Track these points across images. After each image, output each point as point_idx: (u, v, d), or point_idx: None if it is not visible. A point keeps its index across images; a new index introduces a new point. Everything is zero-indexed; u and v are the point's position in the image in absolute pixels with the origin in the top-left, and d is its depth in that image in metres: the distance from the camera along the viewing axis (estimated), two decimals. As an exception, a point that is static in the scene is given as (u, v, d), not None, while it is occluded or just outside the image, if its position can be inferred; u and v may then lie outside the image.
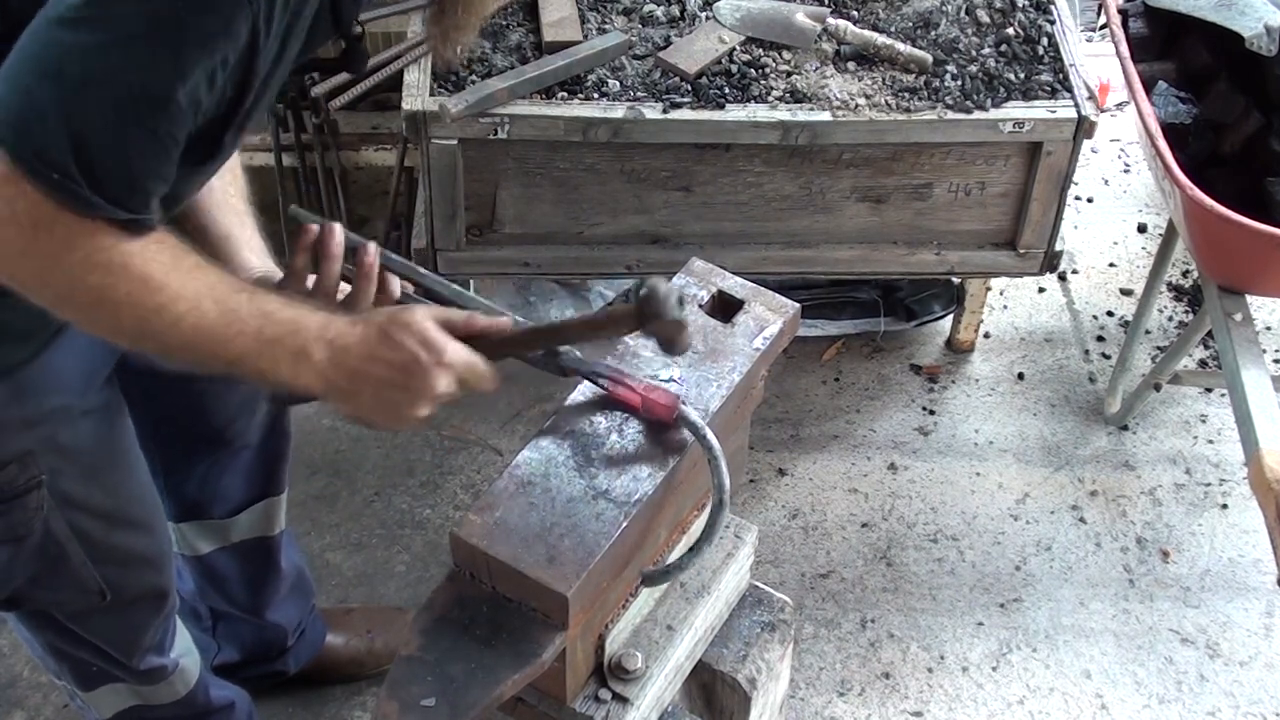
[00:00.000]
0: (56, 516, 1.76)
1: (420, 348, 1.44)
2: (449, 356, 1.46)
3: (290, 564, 2.37)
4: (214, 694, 2.29)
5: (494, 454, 3.01)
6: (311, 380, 1.43)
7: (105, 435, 1.79)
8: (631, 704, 1.70)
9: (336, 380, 1.44)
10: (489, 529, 1.51)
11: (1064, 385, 3.20)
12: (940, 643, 2.73)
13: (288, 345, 1.41)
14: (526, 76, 2.55)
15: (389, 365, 1.44)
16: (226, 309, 1.38)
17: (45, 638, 2.02)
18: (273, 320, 1.40)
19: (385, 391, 1.45)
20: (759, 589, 1.95)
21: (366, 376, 1.44)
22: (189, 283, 1.37)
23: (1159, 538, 2.91)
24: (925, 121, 2.58)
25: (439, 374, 1.45)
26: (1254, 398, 2.46)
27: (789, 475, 3.00)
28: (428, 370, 1.44)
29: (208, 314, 1.37)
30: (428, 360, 1.44)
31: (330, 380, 1.44)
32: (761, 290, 1.74)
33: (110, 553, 1.86)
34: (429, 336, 1.45)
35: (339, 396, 1.46)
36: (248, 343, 1.40)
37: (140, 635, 2.03)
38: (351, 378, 1.44)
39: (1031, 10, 2.75)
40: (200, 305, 1.37)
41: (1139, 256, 3.47)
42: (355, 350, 1.43)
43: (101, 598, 1.89)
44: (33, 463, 1.69)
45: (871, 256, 2.80)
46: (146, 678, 2.11)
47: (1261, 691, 2.67)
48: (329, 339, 1.43)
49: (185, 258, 1.38)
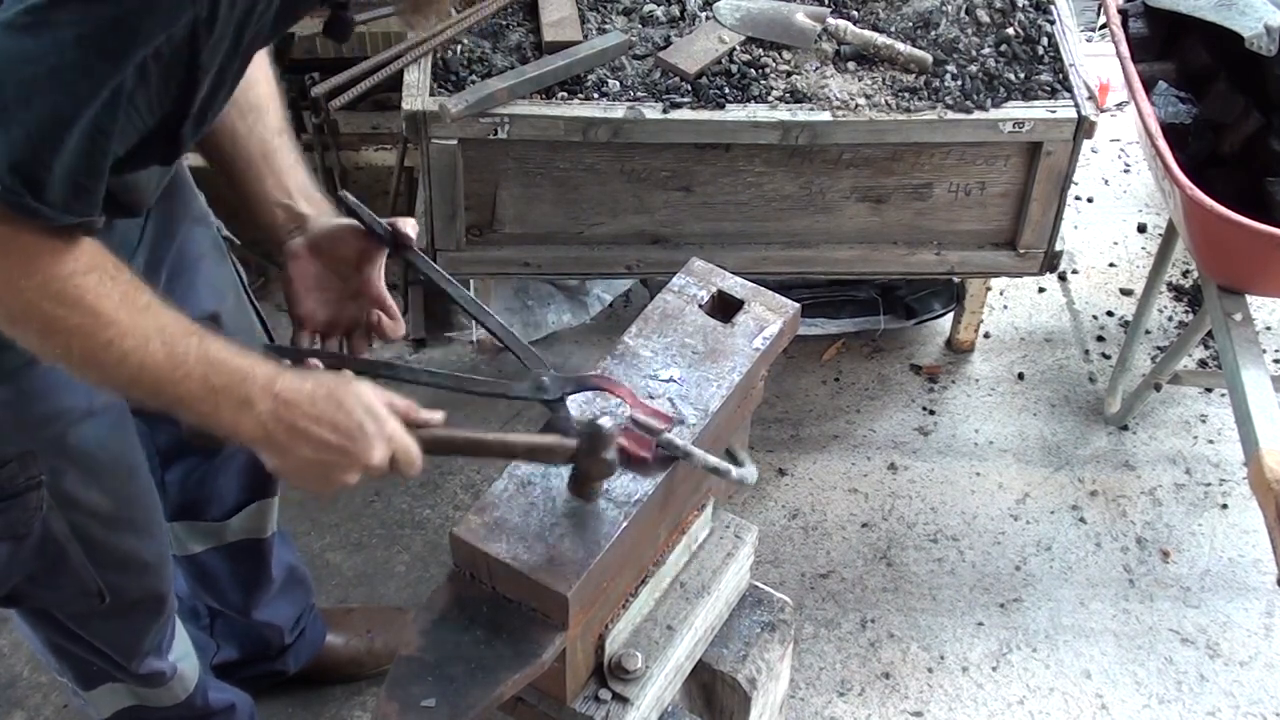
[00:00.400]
0: (56, 516, 1.76)
1: (367, 417, 1.46)
2: (390, 432, 1.47)
3: (281, 565, 2.37)
4: (214, 697, 2.29)
5: (494, 454, 3.00)
6: (251, 430, 1.44)
7: (109, 438, 1.79)
8: (631, 704, 1.70)
9: (275, 434, 1.44)
10: (489, 529, 1.51)
11: (1064, 385, 3.20)
12: (940, 643, 2.73)
13: (233, 394, 1.42)
14: (526, 76, 2.55)
15: (333, 427, 1.45)
16: (174, 351, 1.39)
17: (46, 635, 2.03)
18: (220, 368, 1.41)
19: (322, 453, 1.46)
20: (759, 589, 1.95)
21: (307, 435, 1.44)
22: (140, 321, 1.38)
23: (1159, 538, 2.91)
24: (925, 121, 2.58)
25: (377, 447, 1.46)
26: (1254, 398, 2.46)
27: (789, 475, 3.00)
28: (368, 441, 1.45)
29: (155, 354, 1.38)
30: (372, 430, 1.46)
31: (269, 433, 1.44)
32: (761, 290, 1.74)
33: (110, 555, 1.87)
34: (377, 409, 1.47)
35: (273, 451, 1.46)
36: (193, 386, 1.40)
37: (139, 639, 2.04)
38: (291, 434, 1.44)
39: (1031, 10, 2.75)
40: (149, 345, 1.38)
41: (1139, 256, 3.47)
42: (302, 408, 1.44)
43: (101, 600, 1.90)
44: (33, 462, 1.69)
45: (871, 256, 2.80)
46: (146, 681, 2.11)
47: (1261, 691, 2.67)
48: (275, 391, 1.43)
49: (139, 295, 1.39)
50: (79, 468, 1.75)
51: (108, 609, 1.92)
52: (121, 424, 1.83)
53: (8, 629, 2.69)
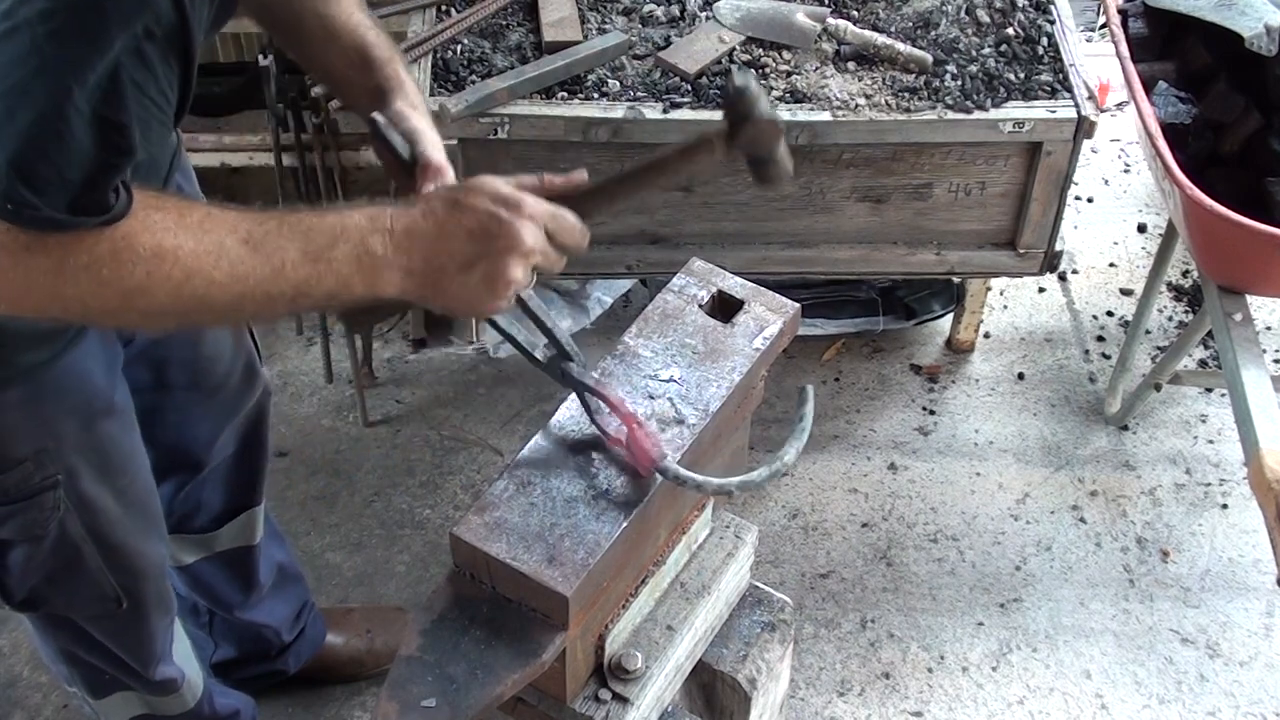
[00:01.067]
0: (72, 518, 1.76)
1: (495, 204, 1.31)
2: (529, 207, 1.32)
3: (270, 565, 2.37)
4: (219, 703, 2.30)
5: (494, 454, 3.01)
6: (386, 279, 1.29)
7: (119, 436, 1.80)
8: (631, 704, 1.70)
9: (412, 268, 1.30)
10: (489, 529, 1.51)
11: (1064, 385, 3.20)
12: (940, 643, 2.73)
13: (344, 253, 1.27)
14: (526, 76, 2.55)
15: (468, 233, 1.30)
16: (258, 245, 1.25)
17: (60, 643, 2.03)
18: (315, 233, 1.27)
19: (473, 263, 1.30)
20: (759, 589, 1.95)
21: (446, 253, 1.30)
22: (204, 237, 1.24)
23: (1159, 538, 2.91)
24: (925, 121, 2.58)
25: (523, 225, 1.30)
26: (1254, 398, 2.46)
27: (789, 475, 3.00)
28: (510, 224, 1.30)
29: (242, 259, 1.25)
30: (508, 215, 1.30)
31: (407, 270, 1.29)
32: (761, 290, 1.74)
33: (123, 557, 1.87)
34: (501, 192, 1.32)
35: (421, 287, 1.31)
36: (299, 269, 1.26)
37: (153, 643, 2.04)
38: (429, 259, 1.30)
39: (1031, 10, 2.75)
40: (229, 254, 1.24)
41: (1139, 256, 3.47)
42: (423, 228, 1.30)
43: (118, 604, 1.90)
44: (49, 461, 1.69)
45: (872, 256, 2.80)
46: (160, 688, 2.11)
47: (1261, 691, 2.67)
48: (386, 228, 1.29)
49: (190, 213, 1.26)
50: (93, 466, 1.75)
51: (125, 613, 1.92)
52: (130, 425, 1.83)
53: (8, 629, 2.69)
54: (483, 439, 3.03)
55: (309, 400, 3.10)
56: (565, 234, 1.35)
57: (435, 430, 3.04)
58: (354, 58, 1.60)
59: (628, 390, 1.63)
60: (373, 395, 3.09)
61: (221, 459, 2.15)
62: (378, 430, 3.05)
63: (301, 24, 1.62)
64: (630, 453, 1.55)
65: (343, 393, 3.10)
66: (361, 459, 2.99)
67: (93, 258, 1.23)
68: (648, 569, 1.71)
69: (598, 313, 3.20)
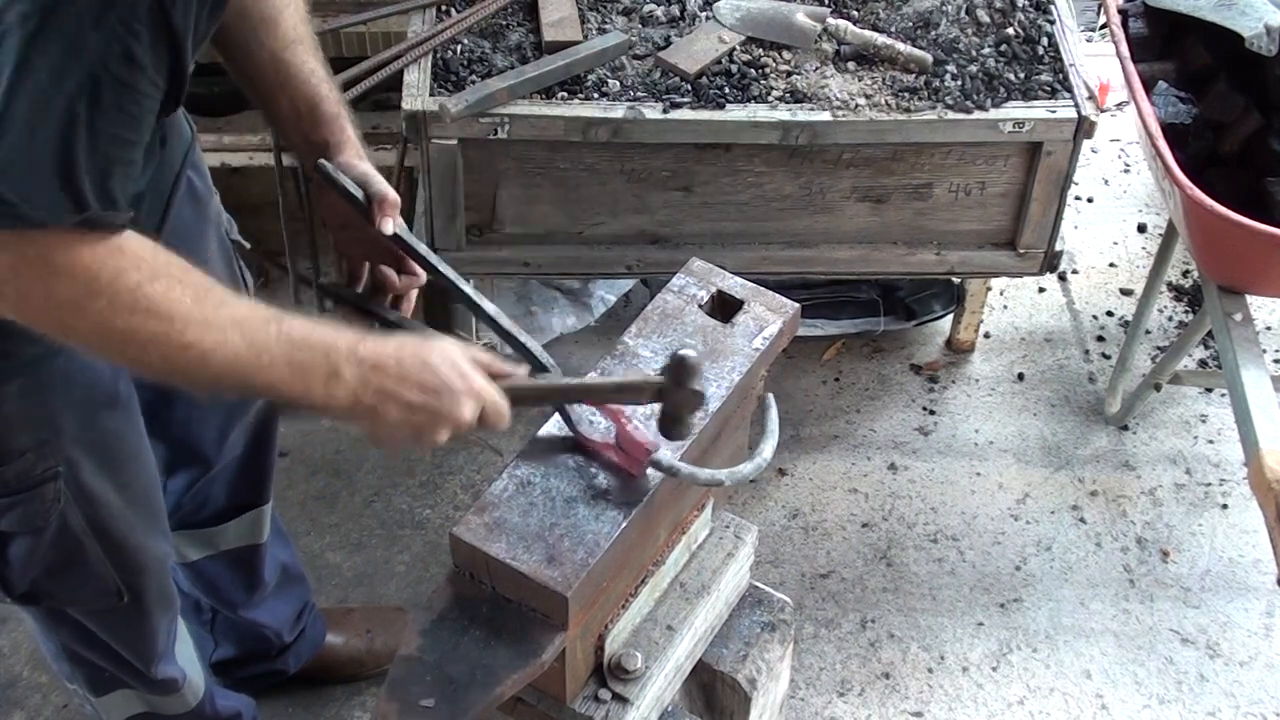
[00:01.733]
0: (73, 510, 1.76)
1: (453, 374, 1.46)
2: (477, 387, 1.48)
3: (274, 565, 2.37)
4: (220, 704, 2.29)
5: (494, 454, 3.01)
6: (343, 400, 1.44)
7: (122, 429, 1.80)
8: (631, 704, 1.70)
9: (365, 399, 1.45)
10: (489, 529, 1.51)
11: (1064, 385, 3.20)
12: (940, 643, 2.73)
13: (320, 369, 1.42)
14: (526, 76, 2.55)
15: (421, 387, 1.45)
16: (255, 340, 1.39)
17: (60, 639, 2.03)
18: (304, 346, 1.41)
19: (412, 413, 1.46)
20: (759, 589, 1.95)
21: (397, 397, 1.45)
22: (215, 318, 1.37)
23: (1159, 538, 2.91)
24: (925, 121, 2.58)
25: (466, 404, 1.46)
26: (1254, 398, 2.46)
27: (789, 475, 3.00)
28: (458, 397, 1.46)
29: (236, 347, 1.38)
30: (460, 388, 1.46)
31: (360, 400, 1.44)
32: (761, 290, 1.74)
33: (125, 551, 1.87)
34: (462, 366, 1.47)
35: (365, 416, 1.47)
36: (280, 371, 1.41)
37: (155, 639, 2.04)
38: (381, 397, 1.45)
39: (1031, 10, 2.75)
40: (229, 339, 1.38)
41: (1139, 256, 3.47)
42: (389, 370, 1.44)
43: (119, 598, 1.90)
44: (50, 453, 1.69)
45: (872, 256, 2.80)
46: (160, 688, 2.11)
47: (1261, 691, 2.67)
48: (360, 358, 1.43)
49: (210, 293, 1.39)
50: (95, 459, 1.75)
51: (126, 608, 1.92)
52: (133, 417, 1.83)
53: (7, 629, 2.69)
54: (483, 439, 3.03)
55: (309, 400, 3.10)
56: (494, 418, 1.50)
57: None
58: (303, 107, 1.70)
59: (627, 390, 1.63)
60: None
61: (231, 457, 2.15)
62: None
63: (256, 62, 1.69)
64: (621, 451, 1.55)
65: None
66: (361, 459, 2.99)
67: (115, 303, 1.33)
68: (647, 569, 1.71)
69: (601, 310, 3.20)
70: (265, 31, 1.67)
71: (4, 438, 1.66)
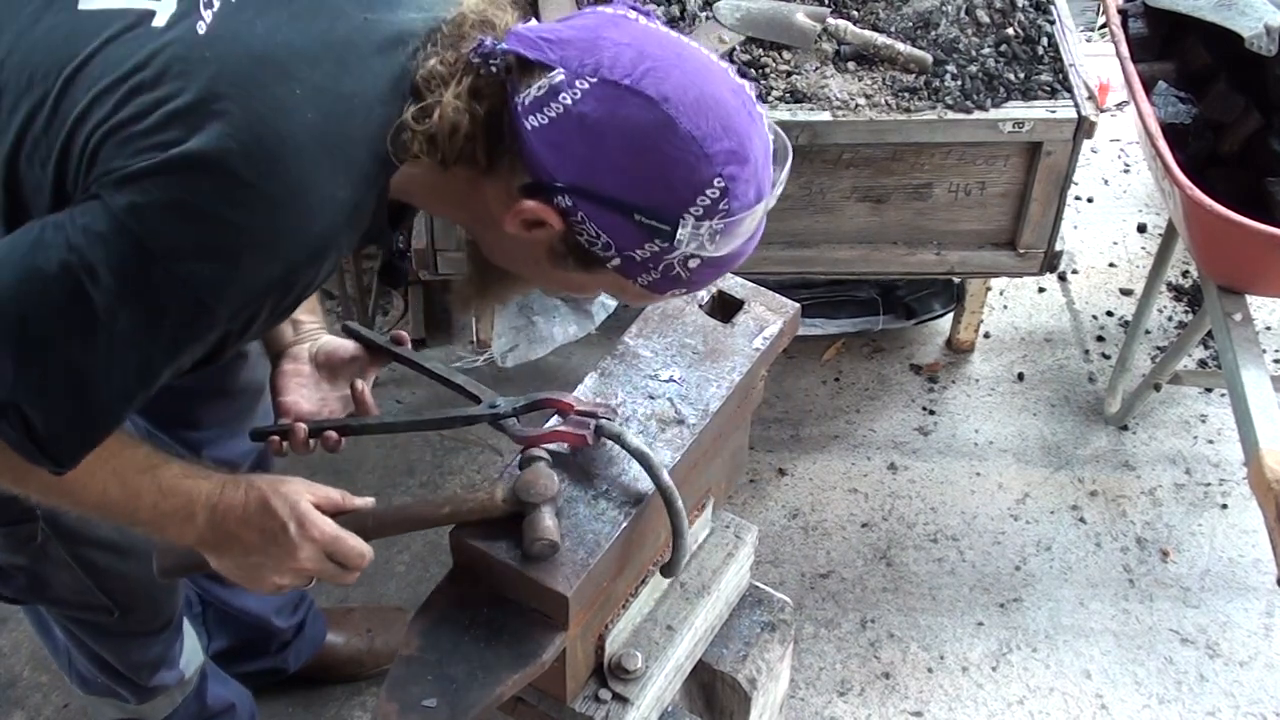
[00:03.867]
0: (54, 546, 1.78)
1: (291, 519, 1.52)
2: (317, 532, 1.53)
3: None
4: (214, 694, 2.29)
5: (494, 454, 3.00)
6: (191, 538, 1.54)
7: None
8: (631, 704, 1.70)
9: (210, 539, 1.54)
10: (489, 529, 1.51)
11: (1064, 385, 3.20)
12: (940, 643, 2.73)
13: (178, 514, 1.51)
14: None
15: (260, 532, 1.52)
16: (129, 489, 1.49)
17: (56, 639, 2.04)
18: (170, 495, 1.51)
19: (251, 555, 1.54)
20: (759, 589, 1.95)
21: (237, 539, 1.53)
22: (98, 469, 1.45)
23: (1159, 538, 2.91)
24: (925, 121, 2.58)
25: (304, 546, 1.53)
26: (1254, 398, 2.46)
27: (789, 475, 3.00)
28: (293, 542, 1.52)
29: (111, 493, 1.48)
30: (295, 533, 1.52)
31: (204, 539, 1.54)
32: (761, 290, 1.75)
33: (112, 578, 1.88)
34: (301, 510, 1.52)
35: (210, 552, 1.57)
36: (144, 514, 1.51)
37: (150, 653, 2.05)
38: (224, 539, 1.53)
39: (1031, 10, 2.75)
40: (107, 489, 1.48)
41: (1139, 256, 3.47)
42: (234, 515, 1.52)
43: (109, 614, 1.91)
44: None
45: (872, 256, 2.80)
46: (149, 694, 2.12)
47: (1261, 691, 2.67)
48: (213, 505, 1.51)
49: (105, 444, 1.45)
50: None
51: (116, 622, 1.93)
52: None
53: (8, 629, 2.69)
54: (482, 439, 3.03)
55: (309, 400, 3.10)
56: (344, 556, 1.55)
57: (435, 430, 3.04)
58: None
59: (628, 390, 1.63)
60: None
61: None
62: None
63: None
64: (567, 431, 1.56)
65: (343, 393, 3.09)
66: (361, 459, 2.98)
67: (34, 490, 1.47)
68: (648, 569, 1.71)
69: (602, 317, 3.20)
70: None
71: None
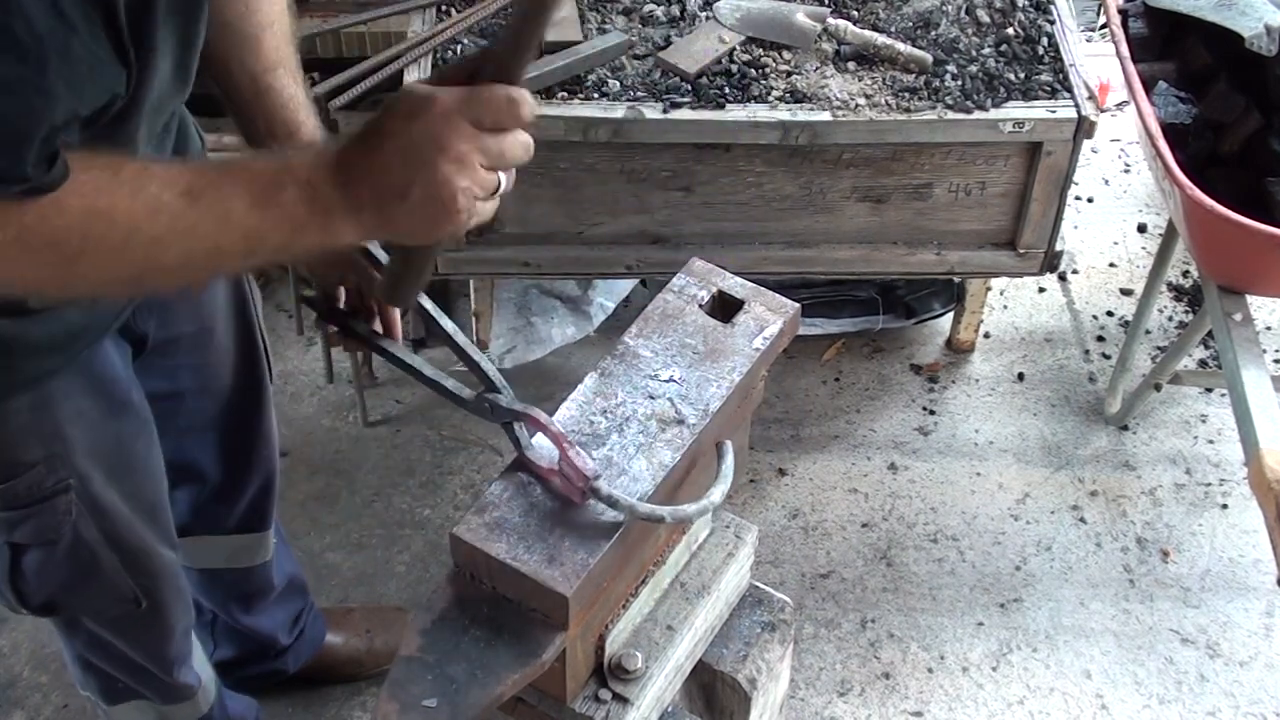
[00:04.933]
0: (86, 521, 1.76)
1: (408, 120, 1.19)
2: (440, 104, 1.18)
3: (283, 575, 2.37)
4: (230, 707, 2.30)
5: (494, 454, 3.01)
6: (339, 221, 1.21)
7: (131, 438, 1.80)
8: (631, 704, 1.70)
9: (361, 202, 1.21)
10: (489, 529, 1.51)
11: (1064, 385, 3.20)
12: (940, 643, 2.73)
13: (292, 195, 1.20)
14: (527, 76, 2.54)
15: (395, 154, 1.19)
16: (199, 196, 1.19)
17: (75, 648, 2.04)
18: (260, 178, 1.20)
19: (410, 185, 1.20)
20: (759, 589, 1.95)
21: (384, 182, 1.20)
22: (140, 193, 1.18)
23: (1159, 538, 2.91)
24: (925, 121, 2.58)
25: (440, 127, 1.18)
26: (1254, 398, 2.46)
27: (789, 475, 3.00)
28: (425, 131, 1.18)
29: (183, 212, 1.18)
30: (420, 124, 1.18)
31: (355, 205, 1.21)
32: (761, 290, 1.74)
33: (140, 558, 1.87)
34: (414, 101, 1.19)
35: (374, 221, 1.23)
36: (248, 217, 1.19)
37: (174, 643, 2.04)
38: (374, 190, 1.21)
39: (1031, 10, 2.75)
40: (169, 208, 1.18)
41: (1139, 256, 3.47)
42: (357, 162, 1.21)
43: (137, 604, 1.90)
44: (60, 465, 1.69)
45: (872, 256, 2.80)
46: (176, 694, 2.11)
47: (1261, 691, 2.67)
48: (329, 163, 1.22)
49: (122, 169, 1.20)
50: (104, 469, 1.75)
51: (144, 614, 1.92)
52: (145, 427, 1.83)
53: (8, 629, 2.69)
54: (483, 439, 3.03)
55: (309, 400, 3.10)
56: (495, 111, 1.21)
57: (435, 430, 3.04)
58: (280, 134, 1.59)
59: (628, 390, 1.63)
60: (373, 395, 3.09)
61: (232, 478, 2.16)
62: (378, 430, 3.05)
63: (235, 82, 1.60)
64: (562, 476, 1.51)
65: (343, 393, 3.10)
66: (361, 459, 2.99)
67: (21, 228, 1.15)
68: (648, 569, 1.71)
69: (601, 319, 3.20)
70: (246, 51, 1.57)
71: (14, 451, 1.66)
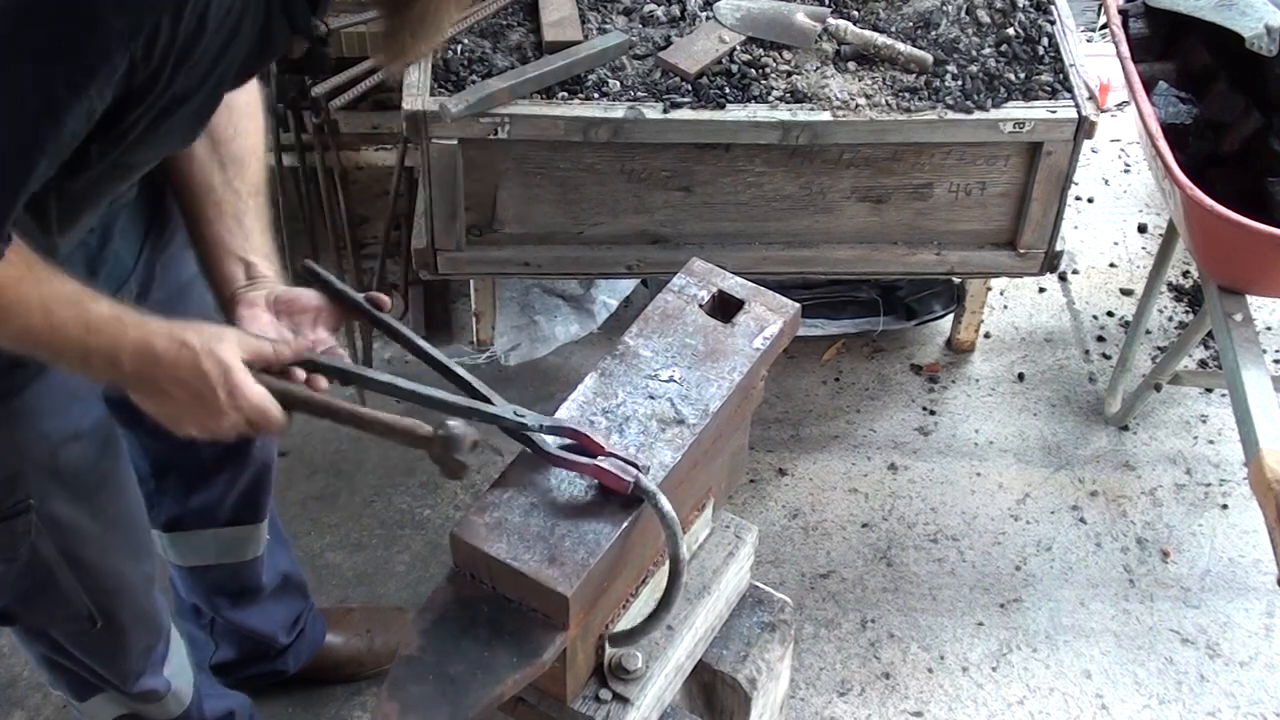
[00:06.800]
0: (45, 541, 1.77)
1: (222, 388, 1.52)
2: (245, 403, 1.54)
3: (275, 573, 2.36)
4: (210, 707, 2.29)
5: (494, 454, 3.00)
6: (116, 382, 1.55)
7: (96, 458, 1.79)
8: (632, 704, 1.70)
9: (134, 384, 1.55)
10: (489, 529, 1.51)
11: (1064, 385, 3.20)
12: (940, 643, 2.73)
13: (104, 354, 1.50)
14: (527, 76, 2.55)
15: (187, 390, 1.53)
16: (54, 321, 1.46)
17: (39, 650, 2.04)
18: (95, 331, 1.49)
19: (172, 407, 1.55)
20: (759, 589, 1.95)
21: (163, 392, 1.54)
22: (22, 293, 1.43)
23: (1159, 538, 2.91)
24: (925, 121, 2.58)
25: (229, 414, 1.54)
26: (1254, 398, 2.46)
27: (789, 475, 3.00)
28: (221, 409, 1.54)
29: (35, 322, 1.45)
30: (225, 401, 1.53)
31: (134, 388, 1.55)
32: (761, 290, 1.74)
33: (100, 577, 1.87)
34: (234, 381, 1.53)
35: (132, 391, 1.57)
36: (70, 349, 1.49)
37: (131, 660, 2.04)
38: (150, 389, 1.54)
39: (1031, 10, 2.75)
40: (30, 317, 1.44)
41: (1139, 256, 3.47)
42: (162, 368, 1.51)
43: (91, 623, 1.90)
44: (21, 485, 1.69)
45: (872, 256, 2.80)
46: (140, 698, 2.12)
47: (1261, 691, 2.67)
48: (141, 352, 1.50)
49: (34, 269, 1.44)
50: (67, 489, 1.75)
51: (100, 631, 1.92)
52: (109, 444, 1.82)
53: (7, 629, 2.69)
54: (483, 439, 3.02)
55: (309, 400, 3.10)
56: (263, 424, 1.57)
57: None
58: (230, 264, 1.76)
59: (629, 390, 1.63)
60: (373, 395, 3.08)
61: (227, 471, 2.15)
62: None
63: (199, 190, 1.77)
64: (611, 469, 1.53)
65: (342, 393, 3.09)
66: (361, 459, 2.98)
67: None
68: (648, 569, 1.71)
69: (604, 316, 3.20)
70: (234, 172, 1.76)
71: None
